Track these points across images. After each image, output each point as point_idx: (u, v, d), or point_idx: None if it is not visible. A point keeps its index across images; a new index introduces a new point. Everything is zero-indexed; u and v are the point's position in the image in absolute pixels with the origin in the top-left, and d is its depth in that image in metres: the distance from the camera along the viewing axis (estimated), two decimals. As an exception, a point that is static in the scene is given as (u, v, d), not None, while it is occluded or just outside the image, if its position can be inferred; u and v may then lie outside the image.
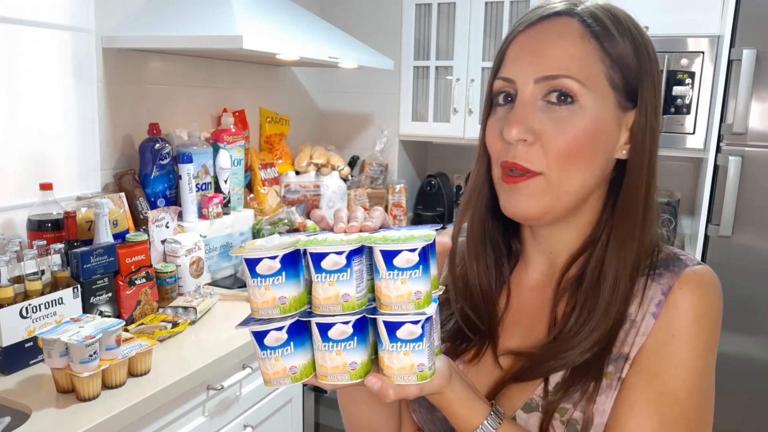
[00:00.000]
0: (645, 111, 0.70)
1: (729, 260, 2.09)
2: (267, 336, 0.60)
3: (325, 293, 0.59)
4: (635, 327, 0.68)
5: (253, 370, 1.63)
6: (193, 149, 1.98)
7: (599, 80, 0.68)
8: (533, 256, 0.78)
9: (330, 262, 0.58)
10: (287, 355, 0.61)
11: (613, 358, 0.67)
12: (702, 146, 2.28)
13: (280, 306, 0.59)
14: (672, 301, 0.67)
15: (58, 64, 1.70)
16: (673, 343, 0.66)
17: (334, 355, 0.60)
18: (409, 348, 0.59)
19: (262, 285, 0.59)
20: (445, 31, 2.70)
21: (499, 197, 0.72)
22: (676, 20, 2.26)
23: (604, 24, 0.69)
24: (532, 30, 0.69)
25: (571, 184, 0.68)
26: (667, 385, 0.65)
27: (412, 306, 0.58)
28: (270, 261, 0.59)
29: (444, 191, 2.96)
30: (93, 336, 1.23)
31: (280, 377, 0.61)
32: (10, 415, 1.22)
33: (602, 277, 0.69)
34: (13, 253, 1.38)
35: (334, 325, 0.59)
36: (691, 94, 2.26)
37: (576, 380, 0.67)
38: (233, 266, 2.12)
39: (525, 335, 0.75)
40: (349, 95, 2.99)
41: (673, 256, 0.71)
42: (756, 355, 2.10)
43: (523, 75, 0.68)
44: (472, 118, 2.67)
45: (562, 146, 0.66)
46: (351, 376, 0.60)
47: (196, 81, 2.21)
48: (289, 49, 1.89)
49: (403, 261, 0.58)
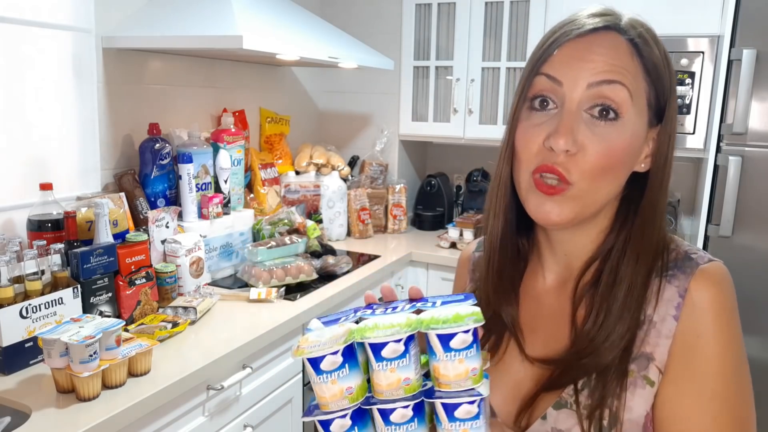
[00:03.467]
0: (669, 129, 0.74)
1: (729, 260, 2.07)
2: (332, 424, 0.63)
3: (387, 380, 0.62)
4: (655, 328, 0.71)
5: (254, 370, 1.63)
6: (193, 149, 1.98)
7: (642, 97, 0.71)
8: (549, 260, 0.81)
9: (390, 350, 0.61)
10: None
11: (635, 358, 0.70)
12: (702, 146, 2.28)
13: (348, 397, 0.62)
14: (690, 302, 0.70)
15: (58, 64, 1.70)
16: (699, 344, 0.69)
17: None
18: (467, 426, 0.62)
19: (329, 380, 0.62)
20: (445, 31, 2.70)
21: (529, 202, 0.73)
22: (676, 20, 2.26)
23: (648, 43, 0.71)
24: (582, 40, 0.71)
25: (599, 194, 0.71)
26: (703, 384, 0.68)
27: (470, 382, 0.61)
28: (332, 356, 0.61)
29: (444, 191, 2.97)
30: (93, 336, 1.23)
31: None
32: (10, 415, 1.22)
33: (617, 282, 0.72)
34: (13, 253, 1.38)
35: (396, 410, 0.62)
36: (691, 94, 2.26)
37: (603, 380, 0.70)
38: (233, 266, 2.12)
39: (548, 340, 0.77)
40: (349, 95, 2.99)
41: (685, 255, 0.74)
42: (756, 355, 2.10)
43: (574, 78, 0.69)
44: (472, 118, 2.67)
45: (601, 161, 0.69)
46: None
47: (196, 81, 2.21)
48: (289, 49, 1.89)
49: (459, 342, 0.60)
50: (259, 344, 1.63)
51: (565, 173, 0.69)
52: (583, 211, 0.71)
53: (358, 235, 2.73)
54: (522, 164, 0.73)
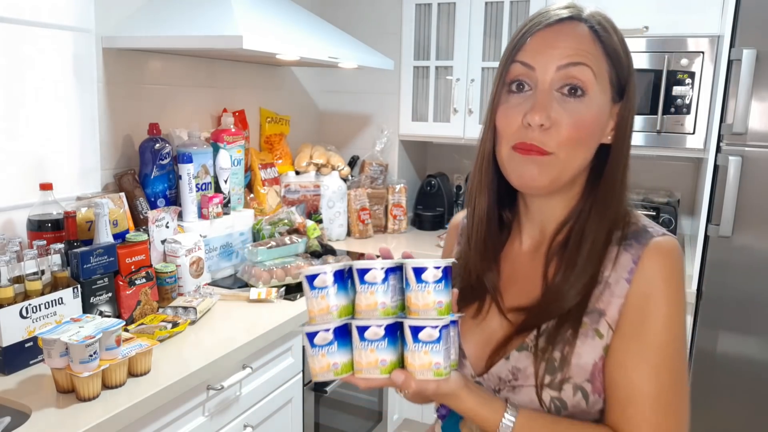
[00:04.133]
0: (629, 104, 0.84)
1: (729, 260, 2.09)
2: (316, 336, 0.74)
3: (366, 301, 0.74)
4: (609, 288, 0.81)
5: (254, 370, 1.63)
6: (193, 149, 1.98)
7: (604, 76, 0.81)
8: (526, 226, 0.92)
9: (371, 276, 0.74)
10: (331, 353, 0.74)
11: (589, 312, 0.81)
12: (702, 146, 2.28)
13: (333, 313, 0.74)
14: (641, 268, 0.80)
15: (59, 64, 1.70)
16: (648, 305, 0.79)
17: (368, 352, 0.73)
18: (428, 348, 0.73)
19: (319, 296, 0.74)
20: (445, 31, 2.70)
21: (509, 168, 0.84)
22: (676, 20, 2.26)
23: (606, 30, 0.82)
24: (550, 29, 0.81)
25: (574, 162, 0.82)
26: (648, 338, 0.79)
27: (434, 313, 0.73)
28: (324, 276, 0.74)
29: (444, 191, 2.97)
30: (93, 336, 1.23)
31: (325, 371, 0.75)
32: (10, 415, 1.22)
33: (583, 239, 0.83)
34: (13, 253, 1.38)
35: (370, 328, 0.73)
36: (691, 94, 2.26)
37: (559, 328, 0.81)
38: (233, 266, 2.12)
39: (522, 294, 0.88)
40: (349, 95, 2.99)
41: (642, 228, 0.84)
42: (756, 355, 2.10)
43: (545, 63, 0.80)
44: (472, 118, 2.67)
45: (573, 133, 0.79)
46: (381, 371, 0.74)
47: (196, 81, 2.21)
48: (289, 49, 1.89)
49: (430, 275, 0.73)
50: (259, 344, 1.63)
51: (542, 146, 0.79)
52: (560, 177, 0.82)
53: (358, 235, 2.73)
54: (503, 140, 0.83)
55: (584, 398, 0.80)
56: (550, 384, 0.80)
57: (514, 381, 0.82)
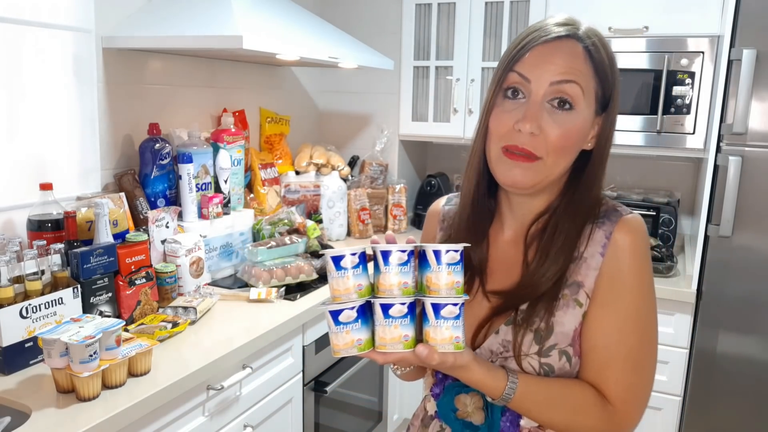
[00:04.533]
0: (611, 116, 0.93)
1: (729, 260, 2.09)
2: (341, 314, 0.80)
3: (390, 281, 0.80)
4: (585, 262, 0.91)
5: (254, 370, 1.63)
6: (193, 149, 1.98)
7: (591, 92, 0.90)
8: (508, 218, 1.00)
9: (396, 258, 0.80)
10: (355, 330, 0.81)
11: (568, 284, 0.91)
12: (702, 146, 2.28)
13: (358, 291, 0.81)
14: (613, 243, 0.91)
15: (58, 64, 1.70)
16: (620, 276, 0.90)
17: (392, 329, 0.80)
18: (450, 324, 0.80)
19: (345, 275, 0.81)
20: (445, 31, 2.70)
21: (497, 169, 0.92)
22: (676, 20, 2.26)
23: (598, 50, 0.90)
24: (548, 45, 0.89)
25: (558, 168, 0.91)
26: (620, 305, 0.90)
27: (453, 292, 0.81)
28: (351, 256, 0.81)
29: (444, 191, 2.96)
30: (93, 336, 1.23)
31: (349, 347, 0.81)
32: (10, 415, 1.22)
33: (558, 232, 0.92)
34: (13, 253, 1.38)
35: (394, 306, 0.80)
36: (691, 94, 2.26)
37: (540, 301, 0.91)
38: (233, 266, 2.12)
39: (504, 278, 0.96)
40: (349, 95, 2.99)
41: (611, 208, 0.94)
42: (756, 355, 2.10)
43: (539, 76, 0.88)
44: (472, 118, 2.67)
45: (560, 142, 0.88)
46: (404, 346, 0.80)
47: (196, 81, 2.21)
48: (289, 49, 1.89)
49: (450, 258, 0.80)
50: (259, 344, 1.63)
51: (532, 149, 0.88)
52: (543, 180, 0.91)
53: (358, 235, 2.73)
54: (493, 140, 0.92)
55: (568, 361, 0.90)
56: (539, 351, 0.90)
57: (506, 353, 0.92)
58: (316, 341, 1.92)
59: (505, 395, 0.88)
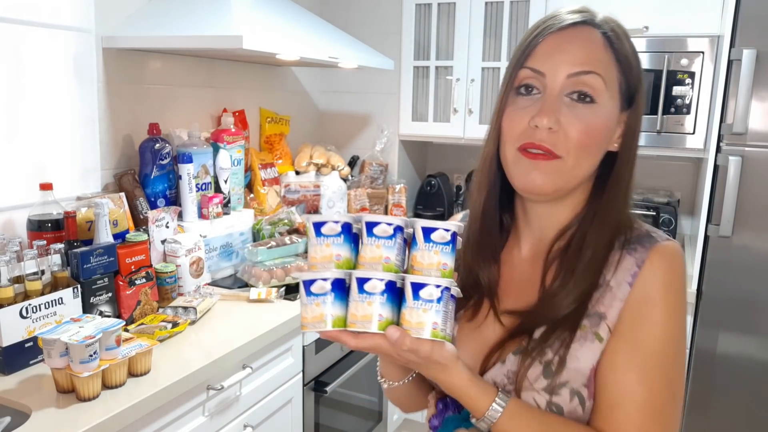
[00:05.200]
0: (637, 112, 0.83)
1: (729, 260, 2.09)
2: (314, 284, 0.73)
3: (371, 253, 0.73)
4: (611, 291, 0.79)
5: (254, 370, 1.63)
6: (193, 149, 1.98)
7: (614, 84, 0.80)
8: (524, 233, 0.89)
9: (380, 229, 0.73)
10: (326, 304, 0.73)
11: (589, 314, 0.79)
12: (702, 146, 2.28)
13: (335, 262, 0.73)
14: (644, 272, 0.78)
15: (58, 64, 1.70)
16: (647, 307, 0.77)
17: (365, 305, 0.71)
18: (427, 306, 0.71)
19: (324, 243, 0.74)
20: (445, 31, 2.70)
21: (514, 173, 0.81)
22: (676, 20, 2.26)
23: (619, 37, 0.81)
24: (560, 34, 0.79)
25: (581, 169, 0.80)
26: (643, 341, 0.76)
27: (438, 273, 0.72)
28: (333, 224, 0.74)
29: (444, 191, 2.96)
30: (93, 336, 1.23)
31: (317, 321, 0.73)
32: (10, 415, 1.22)
33: (584, 247, 0.81)
34: (13, 253, 1.38)
35: (370, 280, 0.71)
36: (691, 94, 2.26)
37: (555, 330, 0.79)
38: (233, 266, 2.12)
39: (519, 298, 0.86)
40: (349, 95, 2.99)
41: (646, 233, 0.82)
42: (756, 355, 2.10)
43: (555, 69, 0.78)
44: (472, 118, 2.67)
45: (582, 138, 0.78)
46: (377, 326, 0.71)
47: (196, 81, 2.21)
48: (289, 49, 1.89)
49: (438, 237, 0.73)
50: (259, 344, 1.63)
51: (551, 147, 0.77)
52: (565, 184, 0.80)
53: (358, 235, 2.73)
54: (508, 142, 0.81)
55: (581, 404, 0.77)
56: (548, 387, 0.77)
57: (510, 385, 0.80)
58: (316, 341, 1.92)
59: (489, 415, 0.75)
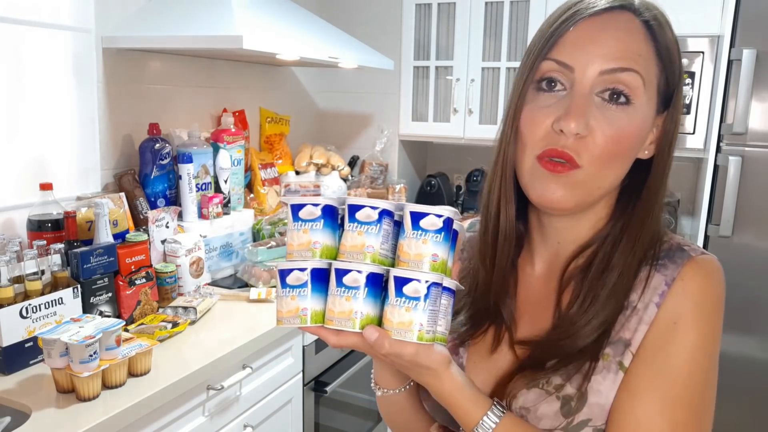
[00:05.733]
0: (675, 115, 0.72)
1: (729, 260, 2.09)
2: (290, 274, 0.65)
3: (352, 241, 0.64)
4: (637, 314, 0.69)
5: (254, 370, 1.63)
6: (193, 149, 1.98)
7: (653, 83, 0.69)
8: (538, 247, 0.79)
9: (363, 214, 0.64)
10: (303, 296, 0.65)
11: (612, 341, 0.69)
12: (702, 146, 2.28)
13: (313, 250, 0.65)
14: (674, 290, 0.68)
15: (58, 64, 1.70)
16: (674, 329, 0.67)
17: (343, 300, 0.63)
18: (411, 305, 0.62)
19: (302, 229, 0.65)
20: (445, 31, 2.70)
21: (529, 184, 0.70)
22: (676, 20, 2.22)
23: (662, 26, 0.69)
24: (594, 20, 0.67)
25: (606, 180, 0.69)
26: (668, 366, 0.66)
27: (427, 266, 0.62)
28: (312, 207, 0.65)
29: (444, 191, 2.96)
30: (93, 336, 1.23)
31: (292, 316, 0.66)
32: (10, 415, 1.22)
33: (609, 269, 0.70)
34: (13, 253, 1.38)
35: (350, 272, 0.63)
36: (691, 94, 2.26)
37: (573, 359, 0.68)
38: (233, 266, 2.12)
39: (532, 323, 0.75)
40: (349, 95, 2.99)
41: (677, 247, 0.71)
42: (756, 355, 2.10)
43: (586, 63, 0.66)
44: (472, 118, 2.67)
45: (611, 146, 0.66)
46: (354, 324, 0.63)
47: (196, 81, 2.21)
48: (289, 49, 1.89)
49: (429, 223, 0.63)
50: (259, 344, 1.63)
51: (575, 156, 0.66)
52: (587, 197, 0.69)
53: (358, 235, 2.73)
54: (527, 148, 0.69)
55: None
56: (566, 427, 0.67)
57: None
58: (316, 341, 1.92)
59: (480, 429, 0.66)
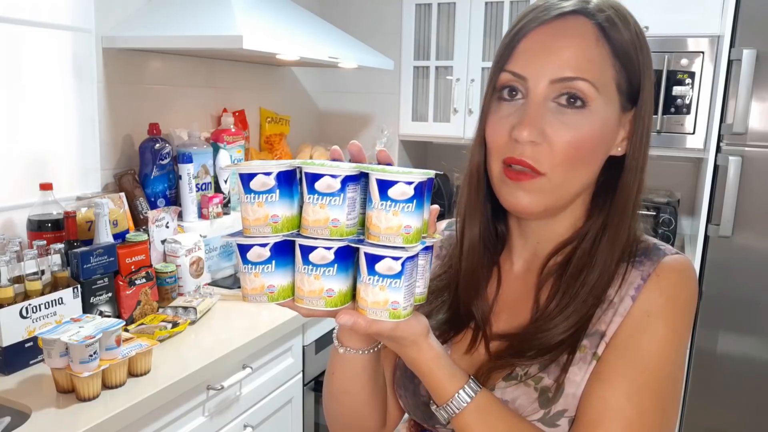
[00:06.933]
0: (644, 111, 0.72)
1: (729, 260, 2.09)
2: (250, 250, 0.60)
3: (315, 215, 0.59)
4: (613, 308, 0.71)
5: (254, 370, 1.63)
6: (193, 149, 1.98)
7: (610, 85, 0.70)
8: (517, 246, 0.81)
9: (324, 185, 0.58)
10: (267, 273, 0.61)
11: (589, 334, 0.71)
12: (702, 146, 2.28)
13: (272, 225, 0.59)
14: (649, 285, 0.71)
15: (58, 64, 1.70)
16: (647, 322, 0.69)
17: (312, 279, 0.59)
18: (385, 284, 0.58)
19: (255, 202, 0.59)
20: (445, 31, 2.70)
21: (500, 192, 0.73)
22: (676, 20, 2.26)
23: (617, 27, 0.70)
24: (546, 27, 0.69)
25: (573, 185, 0.71)
26: (639, 355, 0.69)
27: (400, 239, 0.58)
28: (264, 177, 0.58)
29: (444, 191, 2.96)
30: (93, 336, 1.23)
31: (257, 294, 0.62)
32: (10, 415, 1.22)
33: (588, 267, 0.72)
34: (13, 253, 1.38)
35: (316, 249, 0.59)
36: (691, 94, 2.26)
37: (551, 350, 0.70)
38: (233, 266, 2.12)
39: (510, 319, 0.77)
40: (349, 95, 2.99)
41: (653, 246, 0.74)
42: (756, 355, 2.10)
43: (537, 73, 0.68)
44: (472, 118, 2.67)
45: (570, 151, 0.68)
46: (326, 303, 0.60)
47: (196, 81, 2.21)
48: (289, 49, 1.89)
49: (398, 192, 0.57)
50: (259, 344, 1.63)
51: (533, 163, 0.68)
52: (557, 202, 0.72)
53: (358, 235, 2.73)
54: (492, 155, 0.72)
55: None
56: (543, 418, 0.69)
57: None
58: (316, 341, 1.92)
59: (453, 403, 0.67)
